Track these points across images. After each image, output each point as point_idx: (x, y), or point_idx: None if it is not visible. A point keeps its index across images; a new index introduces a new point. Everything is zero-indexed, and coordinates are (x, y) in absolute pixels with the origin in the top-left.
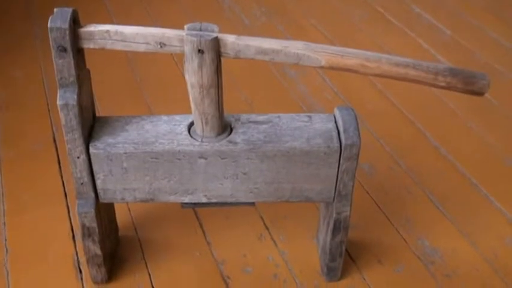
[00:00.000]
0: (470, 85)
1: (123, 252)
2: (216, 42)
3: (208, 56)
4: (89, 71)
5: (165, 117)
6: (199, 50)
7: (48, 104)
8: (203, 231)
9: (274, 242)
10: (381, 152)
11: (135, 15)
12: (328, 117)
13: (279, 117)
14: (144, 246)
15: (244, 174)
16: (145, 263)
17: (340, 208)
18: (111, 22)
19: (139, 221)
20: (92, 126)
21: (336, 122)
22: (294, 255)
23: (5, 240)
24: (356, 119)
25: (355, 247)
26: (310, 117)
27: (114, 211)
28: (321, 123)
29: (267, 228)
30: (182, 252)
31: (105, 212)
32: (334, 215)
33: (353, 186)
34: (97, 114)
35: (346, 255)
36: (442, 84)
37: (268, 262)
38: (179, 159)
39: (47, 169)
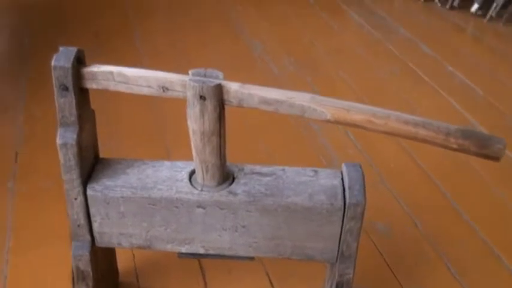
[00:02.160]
0: (484, 149)
1: None
2: (219, 89)
3: (210, 103)
4: (93, 111)
5: (167, 163)
6: (201, 96)
7: None
8: (205, 284)
9: None
10: (399, 212)
11: (164, 58)
12: (335, 174)
13: (284, 170)
14: None
15: (243, 227)
16: None
17: (343, 270)
18: (140, 64)
19: (142, 268)
20: (92, 166)
21: (342, 178)
22: None
23: (5, 278)
24: (363, 177)
25: None
26: (316, 172)
27: (114, 255)
28: (326, 179)
29: (272, 286)
30: None
31: (103, 255)
32: (337, 277)
33: (357, 247)
34: (112, 154)
35: None
36: (454, 146)
37: None
38: (177, 207)
39: (55, 207)
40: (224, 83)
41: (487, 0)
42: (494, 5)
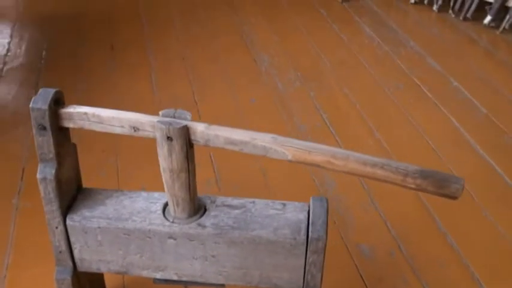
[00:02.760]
0: (441, 189)
1: None
2: (185, 130)
3: (177, 143)
4: (74, 146)
5: (144, 194)
6: (168, 137)
7: None
8: None
9: None
10: (385, 235)
11: (174, 72)
12: (303, 207)
13: (253, 202)
14: None
15: (213, 257)
16: None
17: None
18: (150, 77)
19: (130, 286)
20: (74, 197)
21: (308, 212)
22: None
23: None
24: (326, 212)
25: None
26: (284, 205)
27: (102, 276)
28: (293, 212)
29: None
30: None
31: (88, 277)
32: None
33: (321, 277)
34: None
35: None
36: (412, 186)
37: None
38: (150, 237)
39: None
40: (190, 124)
41: (501, 12)
42: (508, 17)
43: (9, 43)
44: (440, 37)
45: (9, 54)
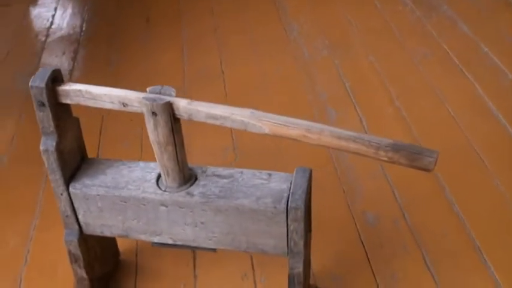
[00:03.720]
0: (414, 161)
1: (120, 275)
2: (169, 106)
3: (161, 118)
4: (76, 120)
5: (142, 164)
6: (153, 113)
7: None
8: (194, 265)
9: (255, 283)
10: (391, 203)
11: (205, 44)
12: (287, 177)
13: (241, 172)
14: (139, 272)
15: (202, 223)
16: None
17: (293, 264)
18: (181, 49)
19: (143, 247)
20: (78, 167)
21: (291, 182)
22: None
23: (28, 252)
24: (308, 182)
25: None
26: (270, 175)
27: (114, 240)
28: (278, 182)
29: (253, 268)
30: (170, 282)
31: (97, 240)
32: (288, 270)
33: (305, 243)
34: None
35: None
36: (384, 158)
37: None
38: (144, 204)
39: None
40: (173, 100)
41: None
42: None
43: (53, 16)
44: (474, 0)
45: (52, 26)
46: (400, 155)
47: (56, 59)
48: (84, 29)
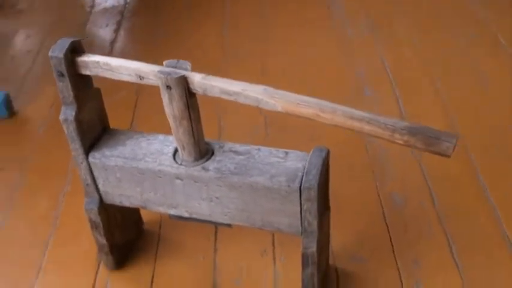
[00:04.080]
0: (431, 146)
1: (142, 244)
2: (183, 80)
3: (176, 92)
4: (97, 90)
5: (161, 137)
6: (167, 86)
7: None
8: (215, 238)
9: (274, 260)
10: (421, 185)
11: (247, 21)
12: (304, 156)
13: (259, 149)
14: (160, 243)
15: (217, 198)
16: (155, 259)
17: (307, 244)
18: (222, 31)
19: (166, 218)
20: (99, 137)
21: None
22: (285, 277)
23: (57, 217)
24: (324, 161)
25: (348, 280)
26: (287, 153)
27: (138, 210)
28: (294, 161)
29: (273, 245)
30: (190, 254)
31: (119, 210)
32: (302, 250)
33: (319, 223)
34: None
35: (334, 286)
36: (400, 142)
37: (259, 278)
38: (160, 177)
39: None
40: (188, 74)
41: None
42: None
43: None
44: None
45: None
46: (416, 139)
47: (100, 30)
48: (128, 1)
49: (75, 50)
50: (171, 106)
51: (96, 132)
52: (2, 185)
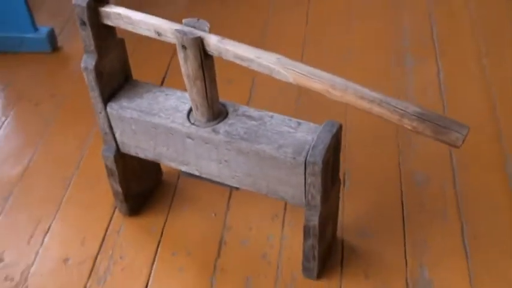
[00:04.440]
0: (440, 135)
1: (158, 194)
2: (199, 41)
3: (191, 52)
4: (121, 41)
5: (179, 93)
6: (182, 46)
7: None
8: (229, 196)
9: (283, 225)
10: (445, 166)
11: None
12: (316, 129)
13: (272, 117)
14: (176, 195)
15: (226, 161)
16: (169, 210)
17: (309, 216)
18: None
19: None
20: (120, 87)
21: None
22: (291, 243)
23: (81, 158)
24: (333, 137)
25: (353, 254)
26: (299, 124)
27: (158, 164)
28: (304, 132)
29: (285, 210)
30: (202, 209)
31: (138, 160)
32: (304, 221)
33: (323, 198)
34: None
35: (339, 258)
36: (408, 127)
37: (266, 241)
38: (172, 134)
39: None
40: (204, 35)
41: None
42: None
43: None
44: None
45: None
46: (425, 126)
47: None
48: None
49: (99, 0)
50: (185, 65)
51: (117, 82)
52: (36, 119)
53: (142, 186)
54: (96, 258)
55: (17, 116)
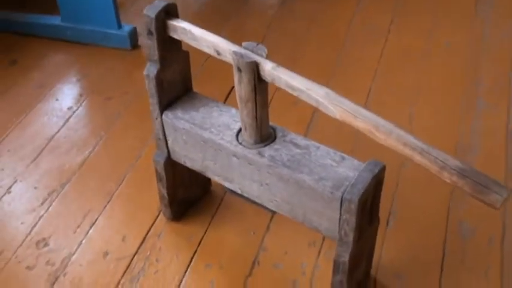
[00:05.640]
0: (479, 194)
1: (203, 204)
2: (254, 65)
3: (245, 75)
4: (185, 54)
5: (233, 111)
6: (238, 68)
7: None
8: (271, 218)
9: (319, 253)
10: (495, 219)
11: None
12: (359, 166)
13: (318, 148)
14: (220, 207)
15: (267, 184)
16: (211, 221)
17: (340, 252)
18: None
19: None
20: (178, 97)
21: None
22: (324, 273)
23: (138, 158)
24: (374, 177)
25: None
26: (343, 158)
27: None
28: (347, 168)
29: (323, 239)
30: (243, 225)
31: (188, 169)
32: (335, 257)
33: (357, 236)
34: None
35: None
36: (447, 180)
37: (299, 268)
38: (220, 150)
39: None
40: (260, 60)
41: None
42: None
43: None
44: None
45: None
46: (464, 182)
47: None
48: None
49: (169, 13)
50: (239, 87)
51: (176, 93)
52: (105, 113)
53: (189, 194)
54: (133, 257)
55: (87, 107)
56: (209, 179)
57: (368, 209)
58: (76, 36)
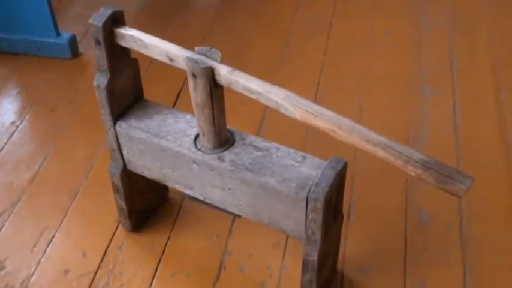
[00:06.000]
0: (443, 184)
1: (163, 212)
2: (209, 70)
3: (200, 81)
4: (134, 61)
5: (188, 117)
6: (193, 74)
7: None
8: (233, 221)
9: (284, 253)
10: (453, 207)
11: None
12: (320, 164)
13: (278, 149)
14: (180, 214)
15: (229, 189)
16: (172, 228)
17: (308, 251)
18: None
19: None
20: (130, 106)
21: None
22: (291, 273)
23: (91, 168)
24: (337, 174)
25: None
26: (304, 158)
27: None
28: (309, 167)
29: (286, 239)
30: (205, 230)
31: (144, 179)
32: (303, 256)
33: (323, 234)
34: None
35: None
36: (412, 173)
37: (266, 269)
38: (178, 157)
39: None
40: (215, 65)
41: None
42: None
43: None
44: None
45: None
46: (429, 174)
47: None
48: None
49: (116, 21)
50: (195, 93)
51: (128, 101)
52: (50, 124)
53: (148, 203)
54: (96, 272)
55: (31, 120)
56: (166, 188)
57: (333, 206)
58: (12, 47)
